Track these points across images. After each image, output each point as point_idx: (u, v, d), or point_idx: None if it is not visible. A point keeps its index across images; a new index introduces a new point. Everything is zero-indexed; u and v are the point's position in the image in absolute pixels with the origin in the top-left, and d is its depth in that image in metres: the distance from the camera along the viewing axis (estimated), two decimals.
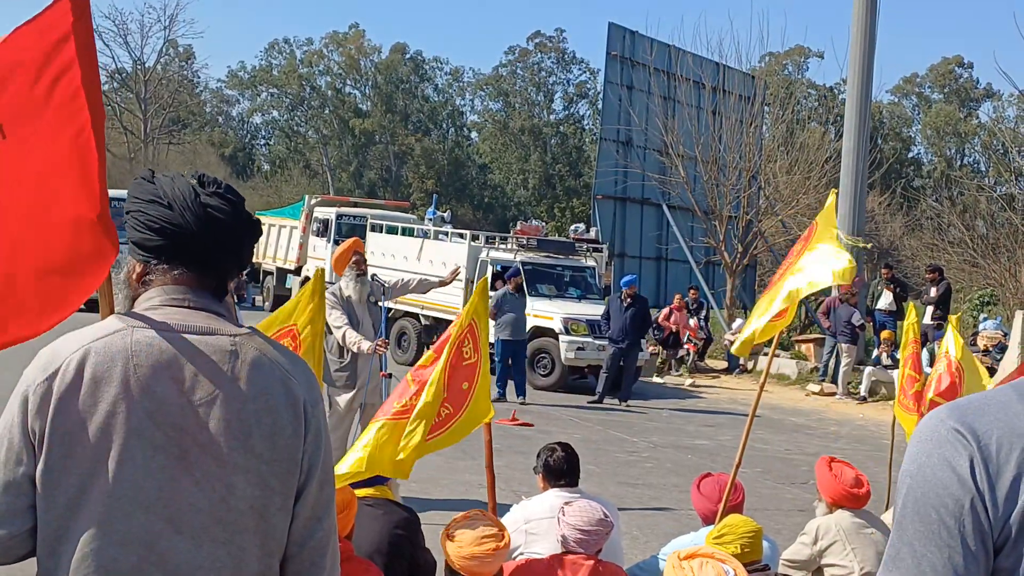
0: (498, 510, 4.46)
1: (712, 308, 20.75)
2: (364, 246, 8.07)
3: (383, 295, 7.68)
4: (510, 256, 16.08)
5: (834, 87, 48.62)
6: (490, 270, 15.68)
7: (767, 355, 5.68)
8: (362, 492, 3.98)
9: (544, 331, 14.96)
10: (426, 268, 15.63)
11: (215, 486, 1.75)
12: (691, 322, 18.16)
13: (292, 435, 1.82)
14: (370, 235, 18.53)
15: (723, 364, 18.75)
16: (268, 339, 1.90)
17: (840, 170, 17.89)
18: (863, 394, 15.47)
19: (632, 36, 22.41)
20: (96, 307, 2.06)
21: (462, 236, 17.34)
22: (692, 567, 3.17)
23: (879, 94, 42.96)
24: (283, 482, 1.81)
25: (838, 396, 15.78)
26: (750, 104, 22.41)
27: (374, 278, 7.84)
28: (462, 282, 15.60)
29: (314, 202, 24.17)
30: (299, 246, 23.46)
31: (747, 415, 5.23)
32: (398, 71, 60.05)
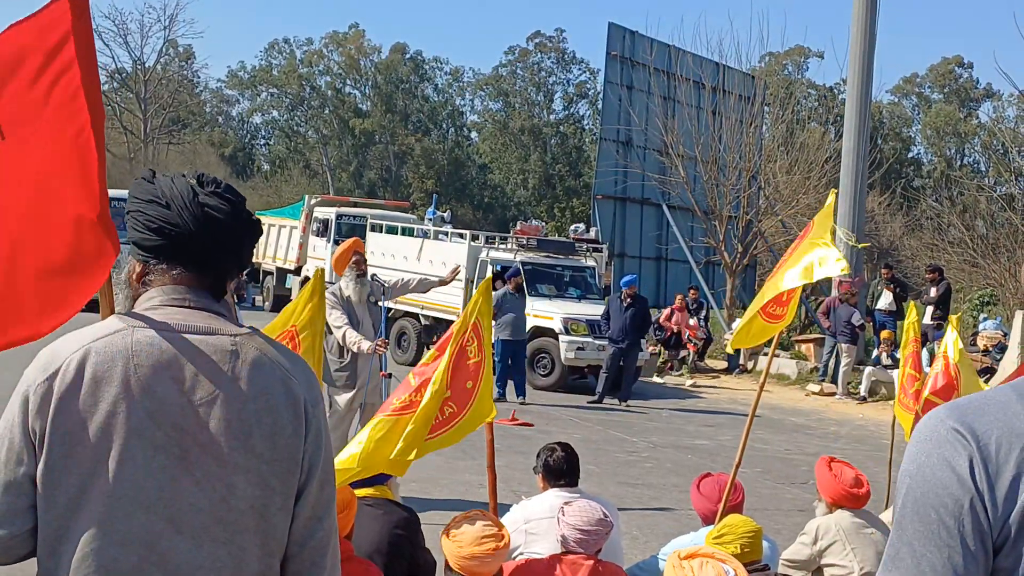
0: (498, 510, 4.46)
1: (712, 308, 20.76)
2: (364, 246, 8.05)
3: (383, 295, 7.68)
4: (510, 256, 16.07)
5: (834, 87, 48.60)
6: (490, 270, 15.66)
7: (767, 355, 5.68)
8: (362, 492, 3.98)
9: (544, 331, 14.95)
10: (426, 268, 15.63)
11: (216, 486, 1.75)
12: (691, 322, 18.16)
13: (292, 435, 1.82)
14: (370, 235, 18.53)
15: (723, 364, 18.74)
16: (268, 339, 1.90)
17: (840, 170, 17.89)
18: (863, 394, 15.47)
19: (632, 36, 22.41)
20: (97, 307, 2.07)
21: (462, 236, 17.33)
22: (692, 567, 3.17)
23: (879, 94, 43.00)
24: (283, 482, 1.81)
25: (838, 396, 15.78)
26: (750, 104, 22.42)
27: (374, 278, 7.84)
28: (462, 282, 15.60)
29: (314, 202, 24.18)
30: (299, 246, 23.47)
31: (747, 415, 5.24)
32: (398, 71, 60.03)
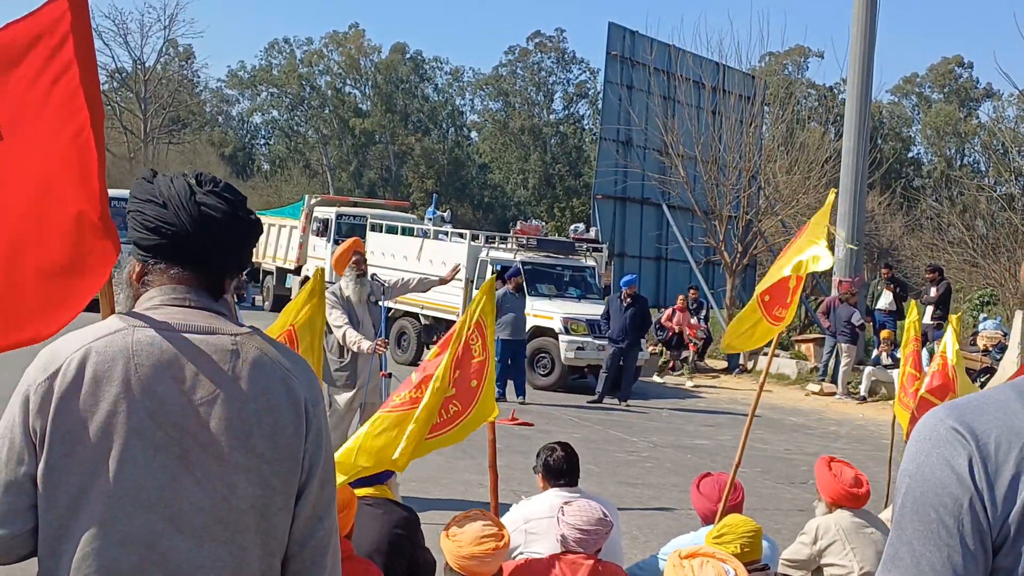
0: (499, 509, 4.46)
1: (712, 308, 20.75)
2: (364, 246, 8.05)
3: (383, 295, 7.68)
4: (510, 256, 16.07)
5: (834, 87, 48.58)
6: (490, 270, 15.67)
7: (767, 355, 5.68)
8: (362, 492, 3.98)
9: (544, 331, 14.95)
10: (426, 268, 15.63)
11: (216, 485, 1.75)
12: (692, 321, 18.15)
13: (293, 434, 1.82)
14: (370, 235, 18.53)
15: (723, 364, 18.75)
16: (269, 338, 1.90)
17: (840, 170, 17.89)
18: (863, 394, 15.47)
19: (632, 36, 22.40)
20: (97, 307, 2.07)
21: (462, 236, 17.33)
22: (693, 566, 3.17)
23: (879, 94, 42.97)
24: (284, 481, 1.81)
25: (838, 396, 15.78)
26: (750, 104, 22.40)
27: (374, 277, 7.85)
28: (462, 282, 15.60)
29: (314, 202, 24.17)
30: (299, 246, 23.46)
31: (747, 415, 5.24)
32: (398, 71, 60.03)
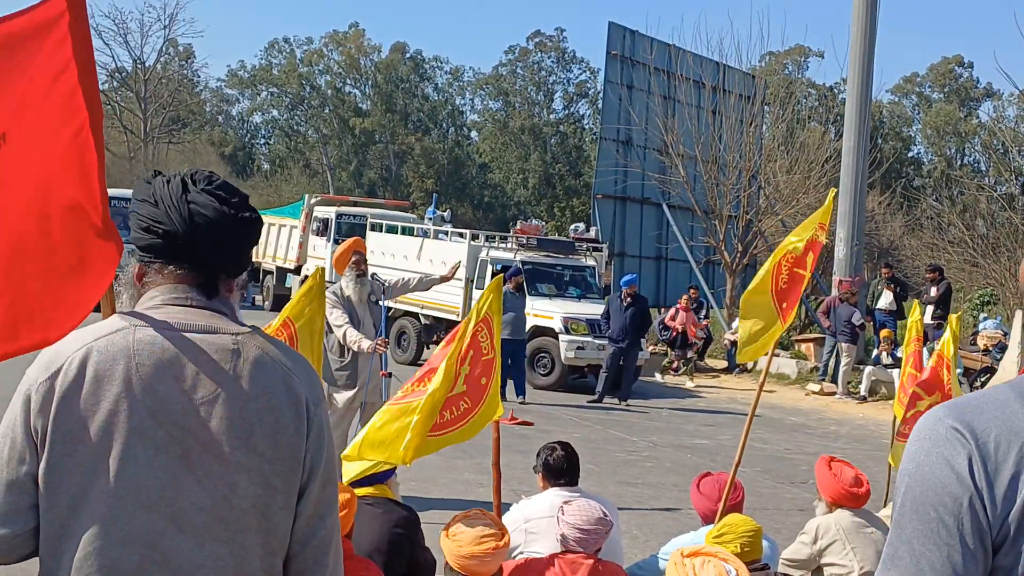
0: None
1: (712, 308, 20.75)
2: (365, 246, 8.03)
3: (383, 294, 7.68)
4: (510, 255, 16.07)
5: (834, 87, 48.57)
6: (490, 269, 15.67)
7: (767, 355, 5.68)
8: (362, 491, 3.98)
9: (544, 330, 14.95)
10: (426, 267, 15.62)
11: (217, 485, 1.75)
12: (695, 320, 18.11)
13: (294, 434, 1.82)
14: (370, 234, 18.52)
15: (723, 364, 18.75)
16: (270, 338, 1.90)
17: (840, 169, 17.89)
18: (863, 393, 15.47)
19: (632, 35, 22.39)
20: (99, 307, 2.07)
21: (462, 235, 17.33)
22: (694, 565, 3.17)
23: (879, 93, 42.91)
24: (285, 481, 1.81)
25: (838, 395, 15.78)
26: (750, 103, 22.41)
27: (374, 277, 7.85)
28: (462, 281, 15.61)
29: (314, 201, 24.16)
30: (299, 245, 23.46)
31: (747, 414, 5.24)
32: (398, 70, 60.02)
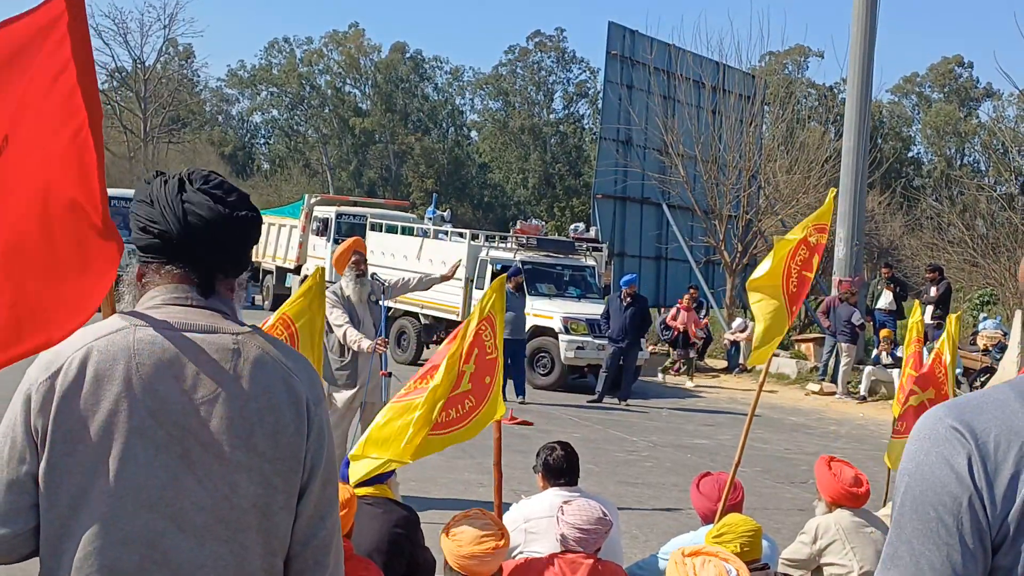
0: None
1: (712, 308, 20.75)
2: (365, 246, 8.03)
3: (383, 294, 7.68)
4: (510, 255, 16.07)
5: (834, 87, 48.57)
6: (490, 269, 15.68)
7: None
8: (362, 491, 3.98)
9: (544, 330, 14.95)
10: (426, 267, 15.62)
11: (218, 484, 1.75)
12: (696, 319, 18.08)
13: (295, 433, 1.82)
14: (370, 234, 18.52)
15: (723, 364, 18.75)
16: (271, 337, 1.90)
17: (840, 169, 17.89)
18: (863, 393, 15.48)
19: (632, 35, 22.38)
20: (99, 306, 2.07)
21: (462, 235, 17.33)
22: (694, 564, 3.16)
23: (879, 93, 42.89)
24: (286, 480, 1.81)
25: (838, 395, 15.78)
26: (750, 103, 22.41)
27: (374, 277, 7.85)
28: (462, 280, 15.61)
29: (314, 201, 24.15)
30: (299, 245, 23.45)
31: (746, 414, 5.24)
32: (398, 70, 60.01)
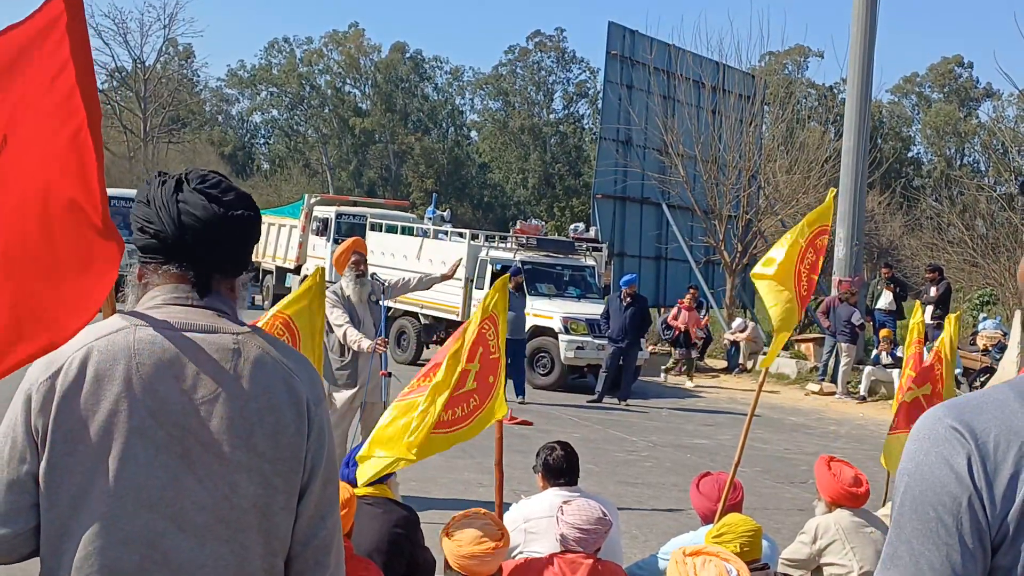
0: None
1: (712, 307, 20.75)
2: (365, 246, 8.01)
3: (383, 294, 7.68)
4: (510, 255, 16.07)
5: (834, 87, 48.58)
6: (490, 269, 15.68)
7: (767, 354, 5.68)
8: (362, 491, 3.98)
9: (544, 330, 14.95)
10: (426, 267, 15.61)
11: (218, 484, 1.75)
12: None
13: (295, 433, 1.82)
14: (370, 234, 18.51)
15: (723, 364, 18.75)
16: (271, 337, 1.90)
17: (840, 169, 17.89)
18: (862, 393, 15.48)
19: (632, 35, 22.37)
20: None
21: (462, 235, 17.33)
22: (695, 564, 3.16)
23: (879, 93, 42.90)
24: (286, 481, 1.81)
25: (837, 395, 15.79)
26: (750, 103, 22.41)
27: (374, 276, 7.84)
28: (461, 280, 15.61)
29: (314, 201, 24.13)
30: (299, 245, 23.43)
31: (746, 414, 5.24)
32: (398, 70, 60.02)
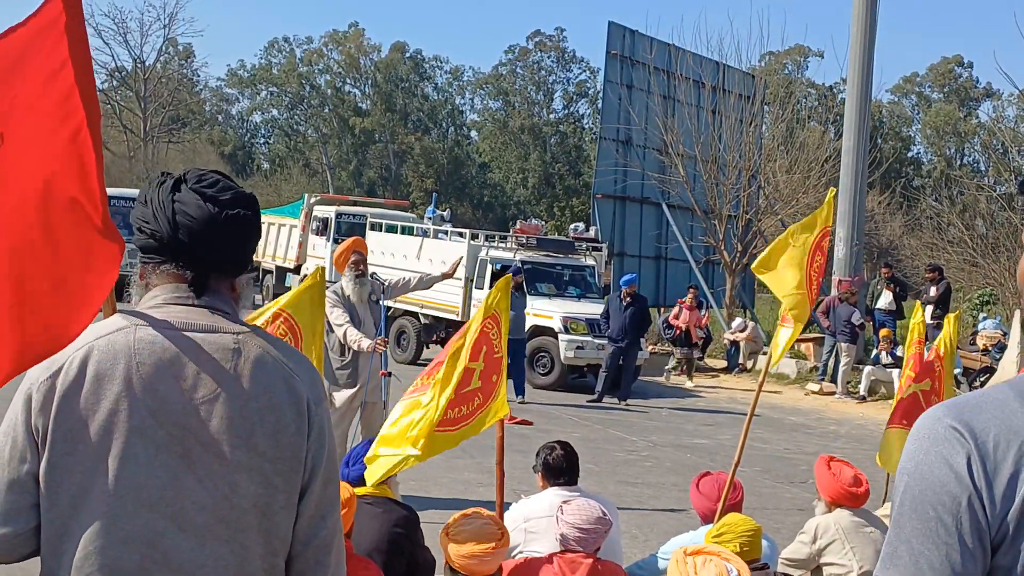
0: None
1: (712, 307, 20.75)
2: (366, 246, 8.00)
3: (383, 294, 7.68)
4: (509, 255, 16.07)
5: (834, 86, 48.59)
6: (490, 269, 15.68)
7: (767, 354, 5.68)
8: (361, 490, 3.98)
9: (543, 330, 14.94)
10: (426, 267, 15.61)
11: (218, 484, 1.75)
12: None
13: (295, 433, 1.82)
14: (370, 234, 18.51)
15: (723, 364, 18.75)
16: (271, 337, 1.90)
17: (840, 169, 17.90)
18: (862, 393, 15.48)
19: (632, 35, 22.37)
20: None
21: (462, 235, 17.33)
22: (695, 563, 3.16)
23: (879, 93, 42.87)
24: (287, 480, 1.81)
25: (837, 395, 15.79)
26: (750, 103, 22.41)
27: (373, 276, 7.84)
28: (461, 280, 15.61)
29: (313, 201, 24.11)
30: (298, 244, 23.42)
31: (746, 414, 5.24)
32: (398, 70, 60.02)
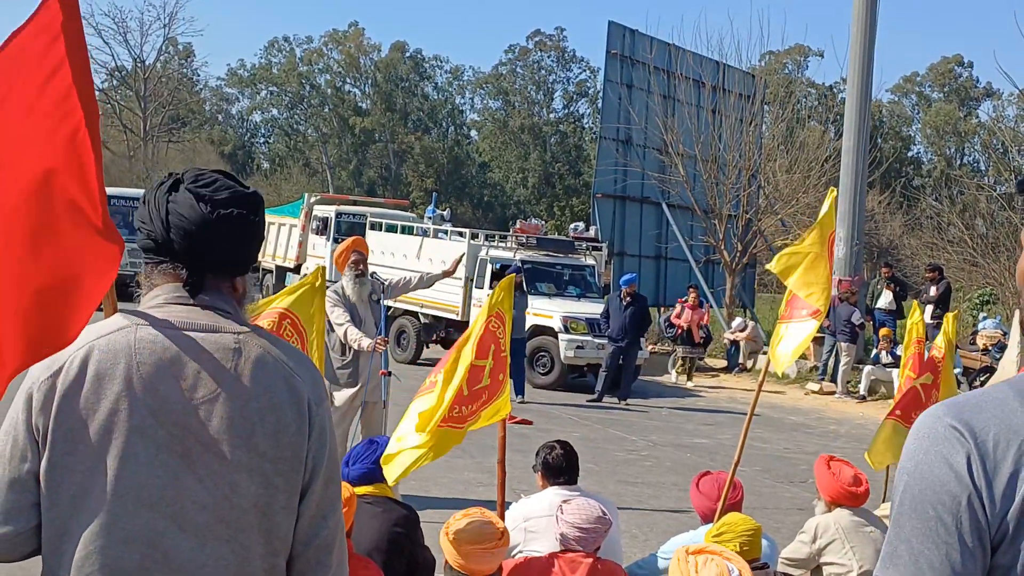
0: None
1: (712, 307, 20.74)
2: (366, 245, 7.99)
3: (383, 293, 7.68)
4: (509, 254, 16.07)
5: (834, 86, 48.60)
6: (489, 268, 15.68)
7: (767, 354, 5.68)
8: (361, 490, 3.98)
9: (543, 329, 14.94)
10: (426, 266, 15.59)
11: (218, 484, 1.75)
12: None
13: (296, 433, 1.81)
14: (369, 233, 18.51)
15: (723, 363, 18.75)
16: (272, 337, 1.90)
17: (840, 169, 17.89)
18: (862, 393, 15.48)
19: (632, 35, 22.35)
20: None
21: (461, 234, 17.33)
22: (696, 562, 3.16)
23: (879, 93, 42.84)
24: (287, 480, 1.81)
25: (837, 395, 15.79)
26: (750, 103, 22.40)
27: (373, 275, 7.84)
28: (461, 280, 15.61)
29: (313, 200, 24.10)
30: (298, 244, 23.41)
31: (746, 414, 5.24)
32: (398, 69, 60.02)
